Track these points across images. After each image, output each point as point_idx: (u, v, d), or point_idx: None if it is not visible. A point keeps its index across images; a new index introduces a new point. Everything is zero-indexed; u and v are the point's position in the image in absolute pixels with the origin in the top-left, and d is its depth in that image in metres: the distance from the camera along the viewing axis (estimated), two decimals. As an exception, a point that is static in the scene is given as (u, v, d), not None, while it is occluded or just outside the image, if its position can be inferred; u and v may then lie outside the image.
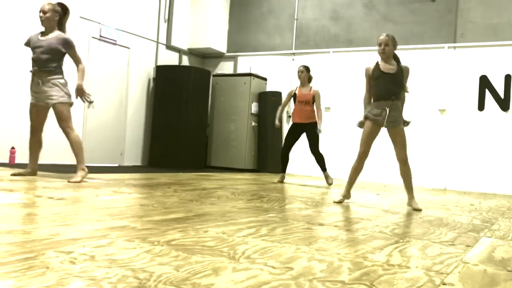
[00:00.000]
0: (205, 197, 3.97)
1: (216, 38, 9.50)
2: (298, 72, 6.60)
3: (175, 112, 8.43)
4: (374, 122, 4.16)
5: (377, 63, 4.26)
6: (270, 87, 9.27)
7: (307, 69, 6.59)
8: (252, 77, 8.94)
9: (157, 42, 8.90)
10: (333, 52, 8.69)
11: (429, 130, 7.79)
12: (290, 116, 9.05)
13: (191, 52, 9.70)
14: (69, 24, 7.18)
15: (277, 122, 6.77)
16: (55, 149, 7.17)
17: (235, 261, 1.77)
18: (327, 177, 6.52)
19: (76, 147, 4.68)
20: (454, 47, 7.72)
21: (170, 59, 9.18)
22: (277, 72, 9.25)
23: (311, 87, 6.58)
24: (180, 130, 8.41)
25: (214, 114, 9.27)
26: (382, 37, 4.27)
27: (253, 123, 8.98)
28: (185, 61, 9.60)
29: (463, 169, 7.47)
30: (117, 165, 8.06)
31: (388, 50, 4.22)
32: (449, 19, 7.77)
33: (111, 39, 7.91)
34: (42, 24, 4.62)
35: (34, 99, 4.64)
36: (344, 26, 8.64)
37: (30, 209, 2.74)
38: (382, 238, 2.55)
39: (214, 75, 9.40)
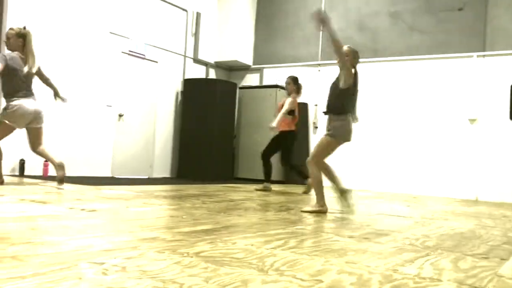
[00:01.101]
0: (232, 208, 3.99)
1: (242, 51, 9.59)
2: (285, 84, 6.72)
3: (203, 125, 8.51)
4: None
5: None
6: (296, 98, 9.26)
7: (293, 80, 6.70)
8: (278, 89, 8.97)
9: (185, 56, 9.03)
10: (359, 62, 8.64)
11: (459, 140, 7.64)
12: (316, 127, 9.03)
13: (218, 65, 9.81)
14: (99, 39, 7.39)
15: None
16: (85, 162, 7.34)
17: (264, 273, 1.78)
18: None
19: None
20: (484, 56, 7.59)
21: (197, 72, 9.31)
22: (303, 83, 9.22)
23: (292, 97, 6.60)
24: (207, 142, 8.48)
25: (241, 126, 9.32)
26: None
27: (280, 135, 8.97)
28: (212, 74, 9.71)
29: (495, 180, 7.30)
30: (146, 177, 8.17)
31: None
32: (477, 27, 7.65)
33: (140, 54, 8.08)
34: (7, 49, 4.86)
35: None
36: (370, 36, 8.61)
37: (63, 220, 2.80)
38: (412, 251, 2.51)
39: (240, 88, 9.47)
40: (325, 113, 4.26)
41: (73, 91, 7.04)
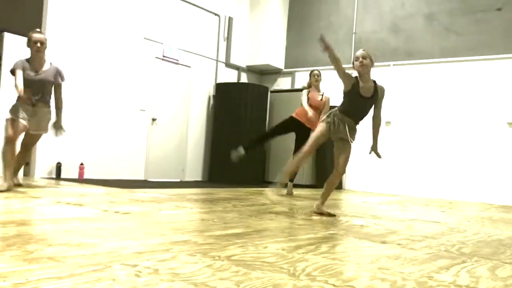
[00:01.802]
0: (263, 212, 3.99)
1: (274, 55, 9.59)
2: (315, 76, 6.50)
3: (234, 128, 8.55)
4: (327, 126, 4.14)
5: (357, 80, 4.12)
6: (328, 102, 9.20)
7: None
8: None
9: (217, 60, 9.11)
10: (393, 65, 8.52)
11: (497, 144, 7.41)
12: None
13: (250, 69, 9.85)
14: (133, 45, 7.53)
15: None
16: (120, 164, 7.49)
17: (295, 278, 1.76)
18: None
19: None
20: (524, 57, 7.35)
21: (229, 76, 9.37)
22: (336, 86, 9.16)
23: (322, 93, 6.49)
24: (238, 145, 8.50)
25: (273, 130, 9.31)
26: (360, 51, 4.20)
27: (312, 138, 8.93)
28: (244, 78, 9.75)
29: (536, 185, 7.04)
30: (179, 180, 8.27)
31: (367, 63, 4.10)
32: (517, 27, 7.42)
33: (173, 59, 8.19)
34: (38, 55, 4.60)
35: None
36: (404, 39, 8.47)
37: (98, 223, 2.86)
38: (448, 257, 2.45)
39: (272, 91, 9.47)
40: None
41: (107, 96, 7.20)
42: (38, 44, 4.55)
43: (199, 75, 8.76)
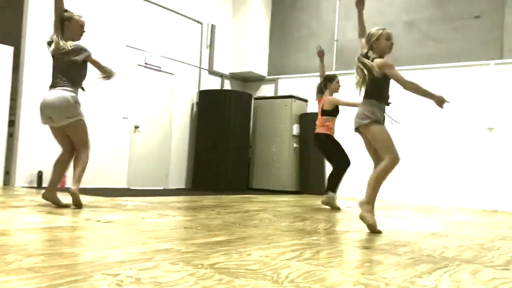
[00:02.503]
0: (247, 219, 3.98)
1: (257, 62, 9.63)
2: (338, 82, 6.21)
3: (218, 135, 8.54)
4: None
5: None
6: (311, 108, 9.26)
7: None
8: (293, 99, 8.97)
9: (200, 68, 9.10)
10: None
11: (477, 149, 7.53)
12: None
13: (233, 76, 9.86)
14: (115, 52, 7.49)
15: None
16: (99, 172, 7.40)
17: (279, 285, 1.76)
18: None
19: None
20: (501, 63, 7.50)
21: (212, 83, 9.36)
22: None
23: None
24: (222, 153, 8.51)
25: (256, 136, 9.33)
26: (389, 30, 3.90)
27: (295, 145, 8.97)
28: (227, 85, 9.76)
29: (515, 189, 7.16)
30: (162, 188, 8.21)
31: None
32: (494, 35, 7.57)
33: (156, 66, 8.16)
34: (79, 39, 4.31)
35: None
36: (385, 46, 8.57)
37: (79, 232, 2.82)
38: (430, 262, 2.47)
39: (255, 98, 9.49)
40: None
41: (90, 103, 7.13)
42: (84, 29, 4.30)
43: (182, 83, 8.74)
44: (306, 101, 9.30)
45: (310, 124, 9.02)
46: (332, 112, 5.97)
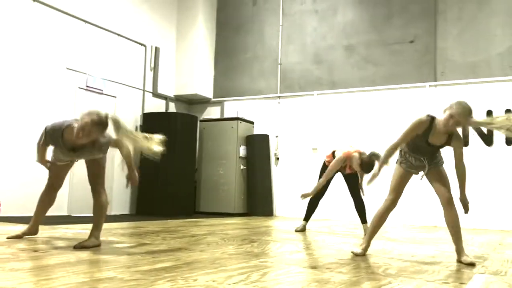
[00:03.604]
0: (194, 244, 3.91)
1: (202, 84, 9.62)
2: None
3: (163, 158, 8.34)
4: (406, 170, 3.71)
5: (432, 126, 3.47)
6: (257, 130, 9.33)
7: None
8: (239, 121, 9.01)
9: (144, 90, 8.97)
10: (317, 94, 8.83)
11: (416, 167, 7.82)
12: (278, 158, 9.08)
13: (178, 99, 9.79)
14: (55, 75, 7.25)
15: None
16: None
17: (225, 310, 1.73)
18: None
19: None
20: (436, 85, 7.90)
21: (156, 106, 9.24)
22: (264, 115, 9.35)
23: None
24: (168, 176, 8.36)
25: (203, 159, 9.26)
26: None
27: (242, 167, 8.98)
28: (172, 108, 9.67)
29: (452, 205, 7.48)
30: (104, 214, 7.93)
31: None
32: (428, 58, 7.98)
33: (97, 89, 7.97)
34: None
35: None
36: (327, 69, 8.83)
37: (14, 263, 2.66)
38: (375, 279, 2.52)
39: (201, 120, 9.46)
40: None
41: (28, 128, 6.84)
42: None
43: (125, 105, 8.57)
44: (252, 122, 9.37)
45: (257, 146, 9.09)
46: None
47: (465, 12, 7.81)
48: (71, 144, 3.60)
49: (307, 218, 5.77)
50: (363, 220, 5.58)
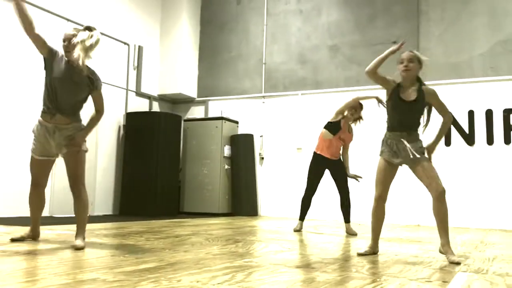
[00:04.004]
0: (178, 244, 3.88)
1: (186, 84, 9.58)
2: (354, 110, 5.76)
3: (147, 158, 8.34)
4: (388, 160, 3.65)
5: (398, 85, 3.69)
6: (241, 130, 9.32)
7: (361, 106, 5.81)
8: (223, 121, 8.98)
9: (127, 89, 8.90)
10: (302, 94, 8.85)
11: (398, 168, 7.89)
12: (262, 158, 9.08)
13: (161, 98, 9.73)
14: (37, 74, 7.15)
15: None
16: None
17: (210, 311, 1.72)
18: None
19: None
20: (418, 86, 7.97)
21: (140, 105, 9.17)
22: (248, 114, 9.34)
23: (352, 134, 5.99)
24: (151, 176, 8.30)
25: (187, 159, 9.21)
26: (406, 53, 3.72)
27: (226, 166, 8.96)
28: (156, 107, 9.60)
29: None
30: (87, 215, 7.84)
31: (412, 67, 3.67)
32: (411, 59, 8.05)
33: (80, 88, 7.87)
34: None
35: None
36: (311, 69, 8.85)
37: (-6, 265, 2.61)
38: (359, 278, 2.53)
39: (185, 120, 9.41)
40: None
41: (8, 127, 6.73)
42: (66, 43, 3.75)
43: (108, 105, 8.44)
44: (236, 122, 9.35)
45: (241, 145, 9.07)
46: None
47: (448, 13, 7.91)
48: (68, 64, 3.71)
49: (302, 217, 5.76)
50: (347, 219, 5.63)
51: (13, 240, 3.71)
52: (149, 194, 8.24)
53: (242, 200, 8.84)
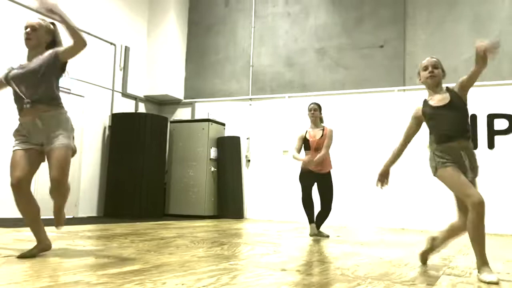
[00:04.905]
0: (163, 247, 3.86)
1: (173, 85, 9.53)
2: (311, 111, 5.76)
3: (132, 160, 8.27)
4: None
5: (425, 100, 3.34)
6: (228, 132, 9.30)
7: (319, 107, 5.84)
8: (210, 123, 8.96)
9: (113, 90, 8.82)
10: (289, 97, 8.87)
11: (384, 170, 7.94)
12: (249, 160, 9.07)
13: (148, 99, 9.67)
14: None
15: (303, 159, 5.56)
16: None
17: (194, 314, 1.70)
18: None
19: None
20: (404, 90, 8.04)
21: (126, 106, 9.10)
22: (235, 117, 9.33)
23: (324, 127, 5.79)
24: (137, 178, 8.24)
25: (173, 161, 9.16)
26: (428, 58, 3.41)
27: (213, 169, 8.93)
28: (142, 108, 9.54)
29: (419, 208, 7.62)
30: (71, 216, 7.76)
31: (437, 73, 3.33)
32: (397, 63, 8.13)
33: (65, 88, 7.78)
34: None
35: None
36: (298, 72, 8.88)
37: (-26, 268, 2.56)
38: (344, 281, 2.53)
39: (171, 122, 9.36)
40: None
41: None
42: (28, 30, 3.47)
43: (94, 105, 8.40)
44: (223, 124, 9.33)
45: (228, 148, 9.05)
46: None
47: (433, 16, 7.99)
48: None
49: (311, 219, 5.47)
50: (319, 223, 5.51)
51: (20, 257, 3.02)
52: (134, 196, 8.18)
53: (228, 202, 8.81)
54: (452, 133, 3.09)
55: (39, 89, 3.38)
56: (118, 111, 8.79)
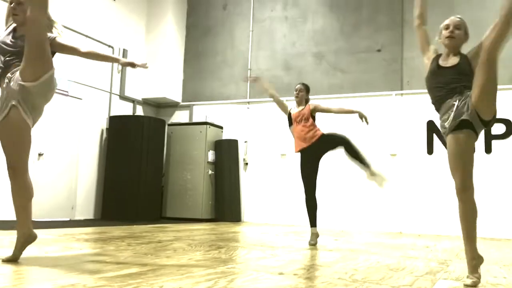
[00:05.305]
0: (160, 250, 3.85)
1: (171, 88, 9.54)
2: (296, 91, 5.67)
3: (129, 163, 8.26)
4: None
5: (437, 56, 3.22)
6: (226, 135, 9.31)
7: (306, 88, 5.74)
8: (208, 126, 8.96)
9: (110, 93, 8.82)
10: (286, 100, 8.85)
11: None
12: (246, 164, 9.06)
13: (146, 102, 9.67)
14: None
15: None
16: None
17: (192, 317, 1.70)
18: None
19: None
20: (401, 94, 8.06)
21: (124, 109, 9.10)
22: (233, 120, 9.34)
23: (308, 105, 5.64)
24: (134, 181, 8.23)
25: (170, 164, 9.15)
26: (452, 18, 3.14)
27: (210, 172, 8.92)
28: (140, 111, 9.54)
29: (417, 212, 7.63)
30: (68, 219, 7.74)
31: (458, 35, 3.12)
32: (395, 67, 8.15)
33: (62, 91, 7.78)
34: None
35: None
36: (296, 76, 8.89)
37: (-29, 270, 2.55)
38: (341, 285, 2.53)
39: (169, 124, 9.36)
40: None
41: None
42: (13, 4, 3.35)
43: (91, 108, 8.40)
44: (221, 127, 9.33)
45: (225, 151, 9.05)
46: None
47: (431, 21, 8.00)
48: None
49: (313, 223, 5.20)
50: (361, 161, 5.45)
51: (4, 261, 2.88)
52: (131, 198, 8.16)
53: (225, 205, 8.81)
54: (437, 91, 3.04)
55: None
56: (116, 114, 8.79)
